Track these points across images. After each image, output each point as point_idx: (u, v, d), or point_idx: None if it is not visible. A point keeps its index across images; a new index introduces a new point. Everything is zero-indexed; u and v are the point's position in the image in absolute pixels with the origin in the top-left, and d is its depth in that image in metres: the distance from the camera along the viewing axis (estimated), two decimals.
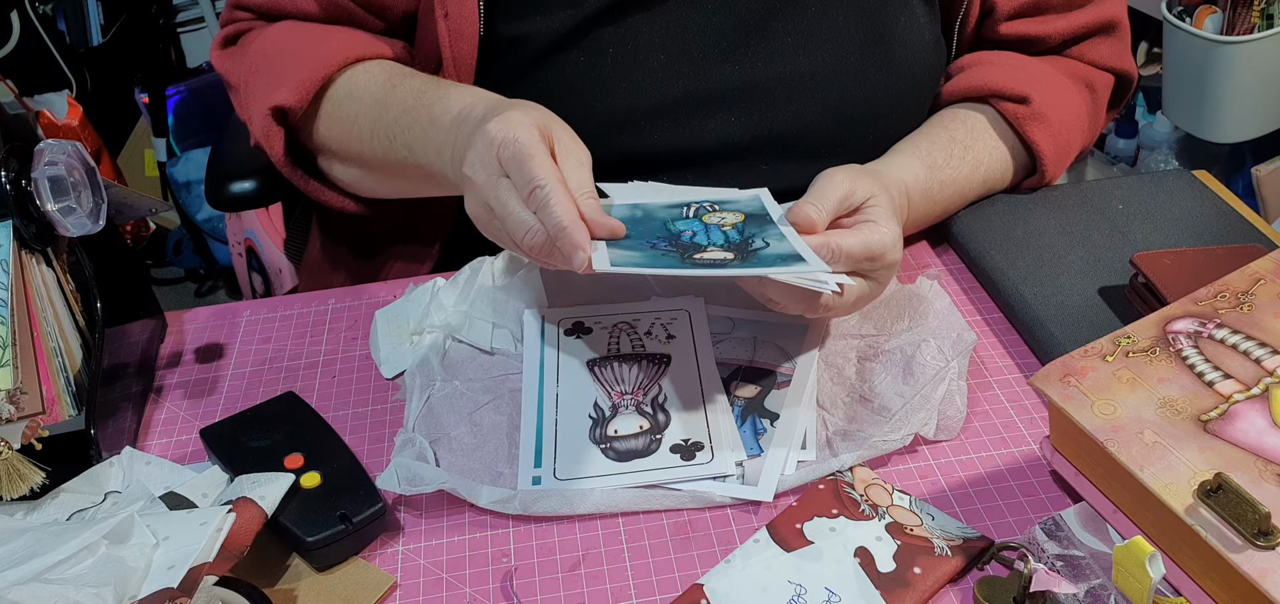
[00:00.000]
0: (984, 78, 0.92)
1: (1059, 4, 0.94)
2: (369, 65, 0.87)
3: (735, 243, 0.70)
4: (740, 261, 0.68)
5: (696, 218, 0.73)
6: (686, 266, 0.66)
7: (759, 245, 0.70)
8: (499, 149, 0.67)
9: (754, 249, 0.70)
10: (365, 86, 0.85)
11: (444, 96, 0.79)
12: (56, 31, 2.42)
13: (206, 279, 2.55)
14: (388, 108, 0.83)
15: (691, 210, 0.74)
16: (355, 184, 0.91)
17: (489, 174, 0.68)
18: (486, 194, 0.68)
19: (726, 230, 0.72)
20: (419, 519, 0.68)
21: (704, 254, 0.68)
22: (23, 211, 0.69)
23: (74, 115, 2.28)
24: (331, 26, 0.90)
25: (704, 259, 0.68)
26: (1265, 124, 1.86)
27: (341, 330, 0.85)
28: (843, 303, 0.72)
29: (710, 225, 0.72)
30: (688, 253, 0.68)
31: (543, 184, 0.65)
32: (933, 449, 0.71)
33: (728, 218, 0.73)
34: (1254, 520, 0.53)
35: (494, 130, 0.67)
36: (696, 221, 0.73)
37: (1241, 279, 0.69)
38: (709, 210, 0.74)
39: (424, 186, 0.86)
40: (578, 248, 0.64)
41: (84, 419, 0.70)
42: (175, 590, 0.57)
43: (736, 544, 0.64)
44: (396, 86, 0.83)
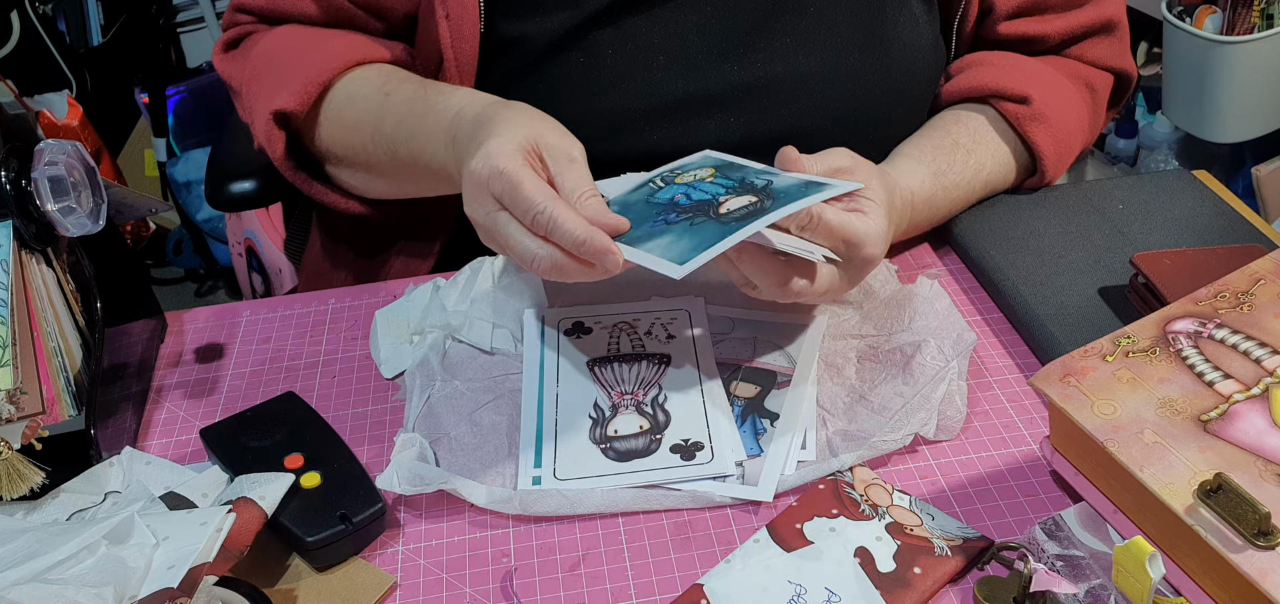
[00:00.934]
0: (984, 78, 0.92)
1: (1058, 4, 0.94)
2: (366, 70, 0.87)
3: (740, 187, 0.70)
4: (765, 201, 0.68)
5: (675, 184, 0.72)
6: (733, 226, 0.65)
7: (761, 182, 0.70)
8: (489, 184, 0.67)
9: (761, 186, 0.70)
10: (362, 92, 0.86)
11: (440, 97, 0.80)
12: (56, 31, 2.42)
13: (206, 279, 2.55)
14: (385, 116, 0.83)
15: (662, 180, 0.73)
16: (362, 187, 0.91)
17: (487, 212, 0.68)
18: (493, 233, 0.68)
19: (712, 181, 0.72)
20: (419, 519, 0.68)
21: (728, 204, 0.68)
22: (23, 211, 0.69)
23: (74, 115, 2.28)
24: (332, 30, 0.90)
25: (735, 210, 0.68)
26: (1265, 124, 1.86)
27: (341, 330, 0.85)
28: (814, 290, 0.71)
29: (695, 184, 0.72)
30: (709, 210, 0.68)
31: (541, 208, 0.65)
32: (933, 449, 0.71)
33: (702, 173, 0.73)
34: (1254, 520, 0.53)
35: (478, 168, 0.67)
36: (678, 186, 0.72)
37: (1241, 279, 0.69)
38: (681, 173, 0.74)
39: (437, 186, 0.86)
40: (606, 251, 0.64)
41: (84, 419, 0.70)
42: (175, 590, 0.57)
43: (736, 544, 0.64)
44: (391, 94, 0.84)
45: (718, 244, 0.64)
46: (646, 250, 0.65)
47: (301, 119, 0.87)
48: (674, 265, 0.63)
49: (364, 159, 0.87)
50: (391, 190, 0.90)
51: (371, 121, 0.84)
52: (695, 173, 0.73)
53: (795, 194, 0.68)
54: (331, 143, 0.88)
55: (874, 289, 0.82)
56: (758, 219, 0.66)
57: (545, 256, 0.66)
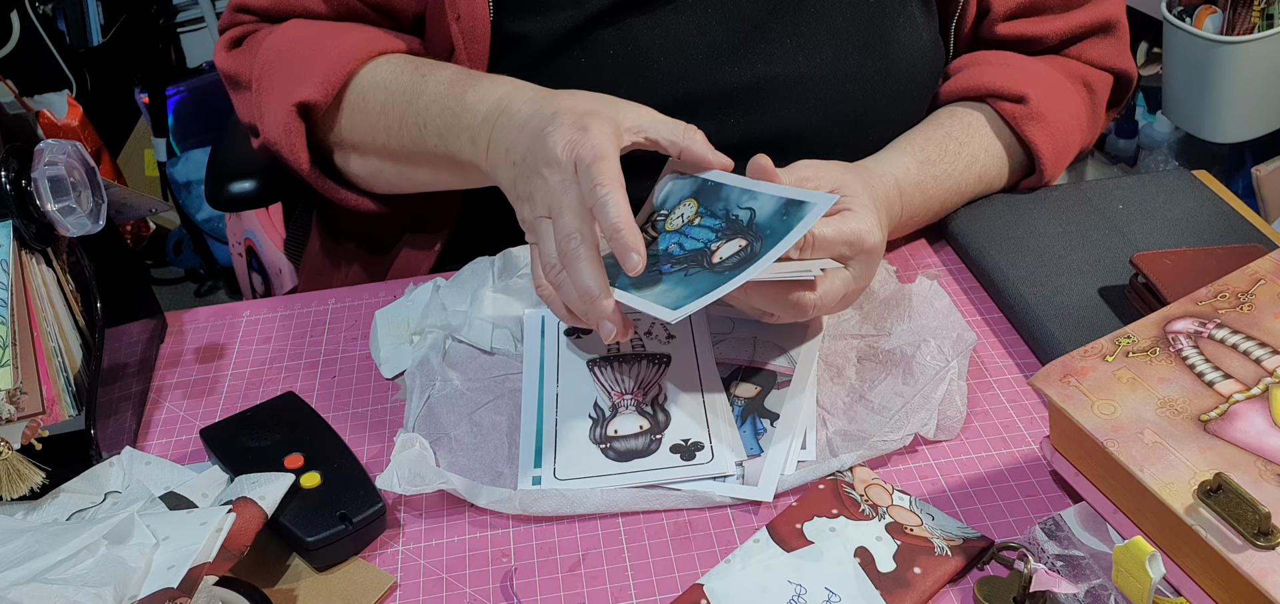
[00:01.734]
0: (981, 77, 0.92)
1: (1056, 4, 0.94)
2: (393, 58, 0.87)
3: (727, 226, 0.70)
4: (754, 243, 0.69)
5: (666, 231, 0.73)
6: (726, 276, 0.67)
7: (744, 215, 0.71)
8: (578, 149, 0.68)
9: (745, 223, 0.70)
10: (393, 77, 0.85)
11: (477, 85, 0.79)
12: (56, 31, 2.42)
13: (206, 279, 2.55)
14: (419, 96, 0.83)
15: (652, 230, 0.74)
16: (373, 177, 0.91)
17: (562, 177, 0.68)
18: (552, 196, 0.69)
19: (697, 225, 0.72)
20: (419, 519, 0.68)
21: (720, 253, 0.69)
22: (23, 211, 0.69)
23: (74, 115, 2.28)
24: (350, 25, 0.90)
25: (728, 259, 0.68)
26: (1265, 124, 1.86)
27: (341, 330, 0.85)
28: (829, 296, 0.72)
29: (684, 231, 0.72)
30: (702, 261, 0.69)
31: (601, 184, 0.66)
32: (933, 449, 0.71)
33: (686, 212, 0.74)
34: (1254, 520, 0.53)
35: (577, 141, 0.68)
36: (669, 235, 0.73)
37: (1241, 279, 0.69)
38: (667, 216, 0.74)
39: (449, 177, 0.86)
40: (631, 250, 0.66)
41: (84, 419, 0.70)
42: (175, 590, 0.57)
43: (736, 544, 0.64)
44: (427, 76, 0.83)
45: (712, 292, 0.66)
46: (642, 297, 0.67)
47: (323, 110, 0.86)
48: (668, 309, 0.65)
49: (382, 144, 0.86)
50: (403, 179, 0.90)
51: (401, 104, 0.84)
52: (680, 214, 0.74)
53: (779, 227, 0.68)
54: (350, 130, 0.88)
55: (873, 289, 0.82)
56: (749, 266, 0.67)
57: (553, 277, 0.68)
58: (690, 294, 0.66)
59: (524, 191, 0.72)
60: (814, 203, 0.68)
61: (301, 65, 0.86)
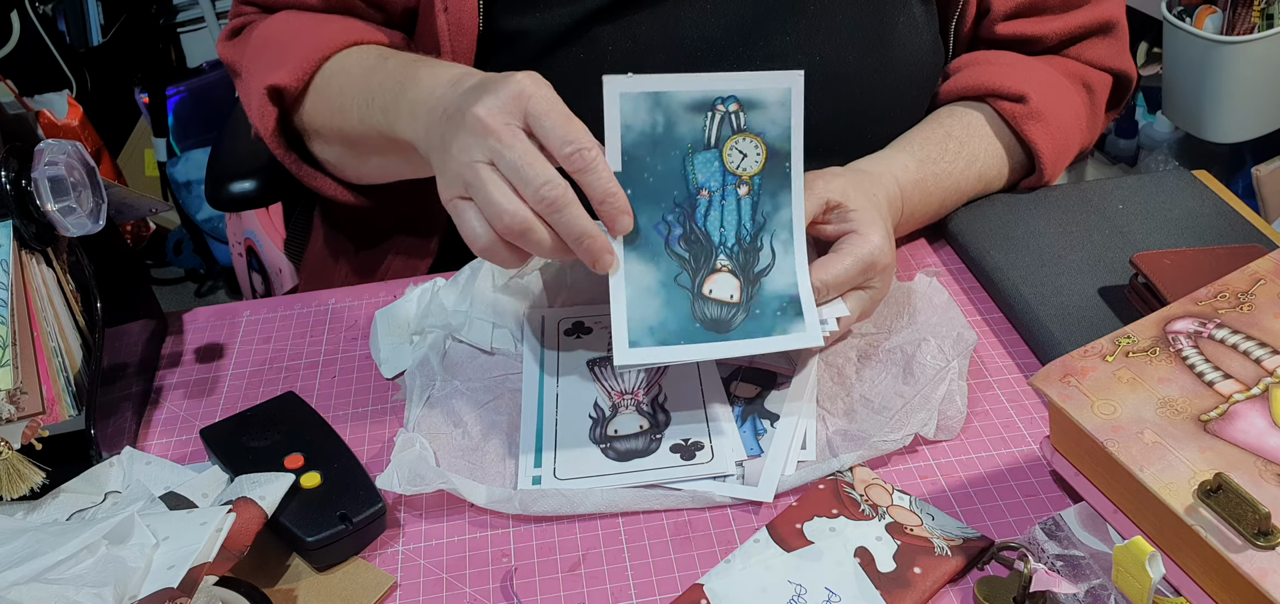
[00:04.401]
0: (981, 77, 0.92)
1: (1056, 4, 0.94)
2: (364, 47, 0.87)
3: (742, 249, 0.71)
4: (743, 312, 0.70)
5: (717, 149, 0.70)
6: (698, 335, 0.69)
7: (764, 263, 0.71)
8: (529, 101, 0.64)
9: (757, 272, 0.71)
10: (357, 62, 0.85)
11: (432, 68, 0.77)
12: (56, 31, 2.42)
13: (206, 279, 2.55)
14: (373, 75, 0.82)
15: (712, 135, 0.70)
16: (339, 165, 0.91)
17: (507, 121, 0.64)
18: (497, 140, 0.64)
19: (741, 198, 0.71)
20: (419, 519, 0.68)
21: (710, 285, 0.70)
22: (23, 211, 0.69)
23: (74, 115, 2.28)
24: (332, 16, 0.90)
25: (710, 310, 0.70)
26: (1265, 124, 1.86)
27: (341, 330, 0.85)
28: (849, 321, 0.74)
29: (728, 178, 0.70)
30: (699, 266, 0.70)
31: (588, 147, 0.64)
32: (933, 449, 0.71)
33: (748, 159, 0.70)
34: (1254, 520, 0.53)
35: (525, 82, 0.64)
36: (716, 166, 0.70)
37: (1241, 279, 0.69)
38: (732, 133, 0.70)
39: (396, 163, 0.84)
40: (622, 214, 0.65)
41: (84, 419, 0.70)
42: (175, 590, 0.57)
43: (736, 544, 0.64)
44: (386, 59, 0.83)
45: (668, 351, 0.68)
46: (619, 294, 0.68)
47: (294, 95, 0.87)
48: (621, 347, 0.67)
49: (339, 127, 0.86)
50: (360, 166, 0.89)
51: (356, 87, 0.83)
52: (742, 148, 0.70)
53: (767, 322, 0.70)
54: (314, 114, 0.87)
55: None
56: (719, 341, 0.69)
57: (556, 181, 0.63)
58: (654, 334, 0.68)
59: (449, 135, 0.67)
60: (808, 332, 0.70)
61: (280, 51, 0.87)
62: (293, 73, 0.85)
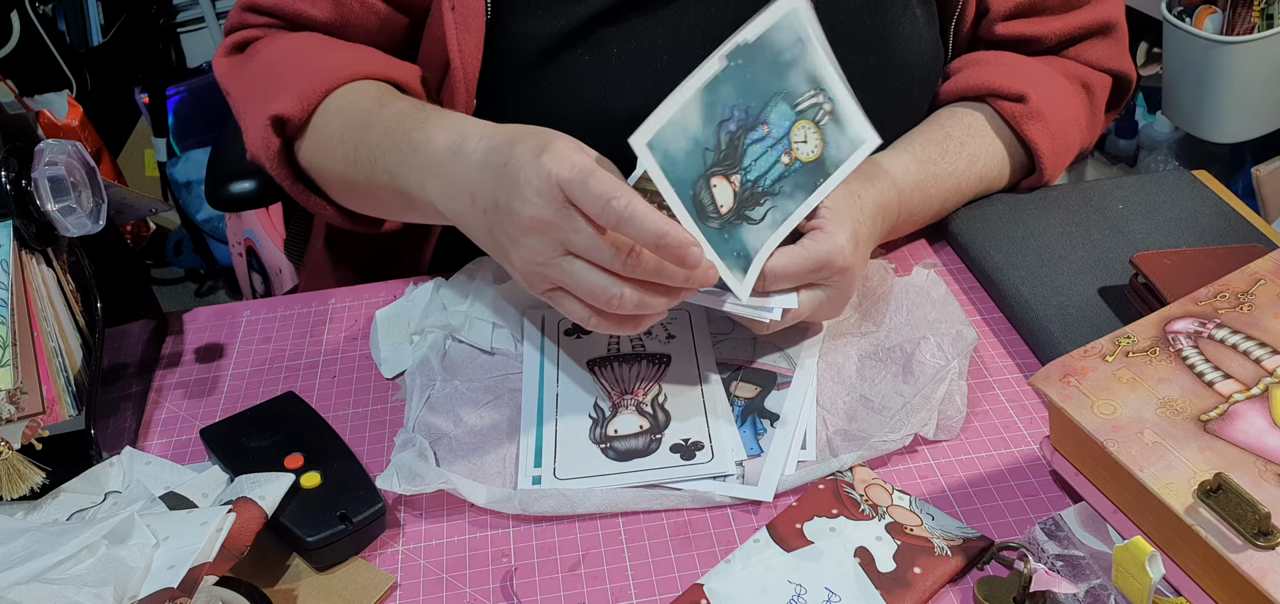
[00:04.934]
0: (980, 77, 0.92)
1: (1056, 5, 0.94)
2: (362, 84, 0.85)
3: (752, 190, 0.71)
4: (721, 227, 0.70)
5: (796, 113, 0.72)
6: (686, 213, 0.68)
7: (755, 216, 0.71)
8: (561, 181, 0.64)
9: (746, 213, 0.71)
10: (353, 103, 0.83)
11: (424, 121, 0.76)
12: (57, 31, 2.42)
13: (206, 279, 2.55)
14: (372, 127, 0.80)
15: (803, 104, 0.72)
16: (342, 197, 0.89)
17: (557, 209, 0.64)
18: (559, 232, 0.65)
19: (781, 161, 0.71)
20: (419, 519, 0.68)
21: (714, 187, 0.69)
22: (23, 211, 0.69)
23: (74, 115, 2.28)
24: (342, 42, 0.89)
25: (705, 198, 0.69)
26: (1265, 124, 1.86)
27: (341, 330, 0.85)
28: (798, 314, 0.73)
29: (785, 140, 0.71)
30: (719, 163, 0.69)
31: (617, 196, 0.62)
32: (933, 449, 0.71)
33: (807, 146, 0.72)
34: (1254, 520, 0.53)
35: (549, 163, 0.64)
36: (786, 123, 0.71)
37: (1241, 279, 0.69)
38: (812, 119, 0.72)
39: (408, 214, 0.84)
40: (687, 245, 0.63)
41: (84, 419, 0.70)
42: (175, 590, 0.57)
43: (736, 544, 0.64)
44: (384, 106, 0.81)
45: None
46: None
47: (297, 126, 0.85)
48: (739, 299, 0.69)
49: (341, 173, 0.84)
50: (371, 209, 0.89)
51: (356, 133, 0.81)
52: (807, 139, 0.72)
53: (722, 250, 0.69)
54: (315, 152, 0.86)
55: (871, 286, 0.82)
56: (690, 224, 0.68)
57: (627, 294, 0.65)
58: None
59: (505, 239, 0.68)
60: (742, 286, 0.70)
61: (285, 78, 0.86)
62: (296, 103, 0.83)
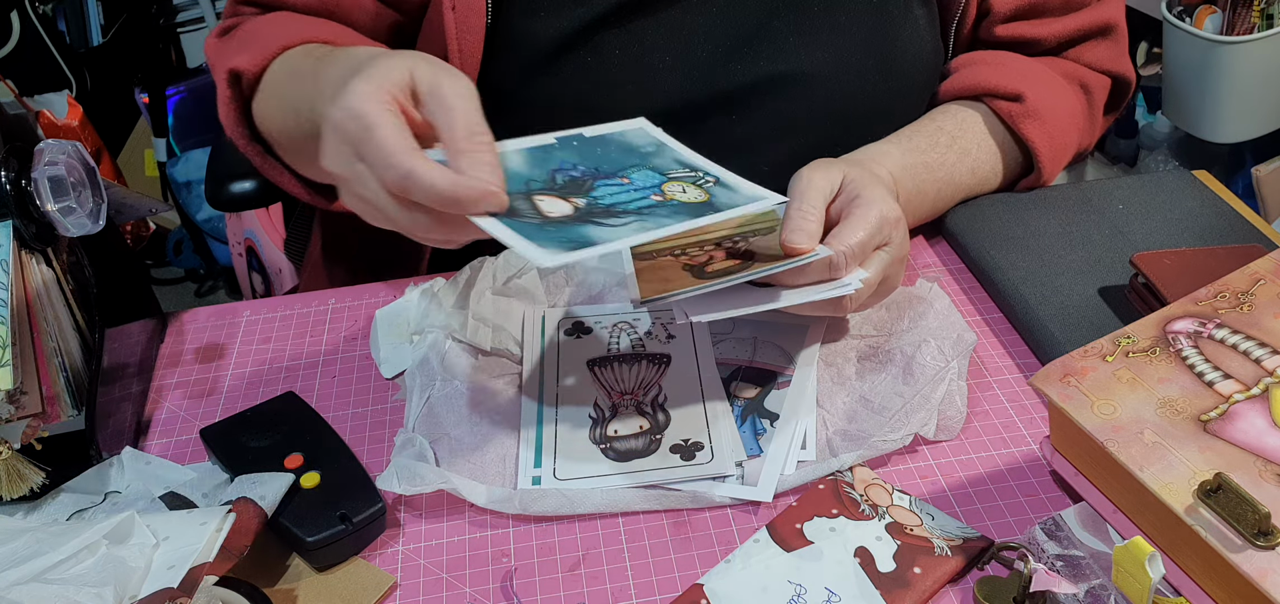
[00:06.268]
0: (977, 76, 0.92)
1: (1056, 6, 0.94)
2: (312, 46, 0.82)
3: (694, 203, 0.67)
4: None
5: (662, 177, 0.68)
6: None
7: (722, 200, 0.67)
8: (342, 127, 0.60)
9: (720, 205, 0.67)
10: (302, 58, 0.79)
11: (336, 57, 0.71)
12: (56, 31, 2.42)
13: (206, 279, 2.55)
14: (305, 76, 0.76)
15: (584, 184, 0.66)
16: (296, 164, 0.86)
17: (346, 161, 0.60)
18: (352, 187, 0.61)
19: (652, 201, 0.66)
20: (419, 519, 0.68)
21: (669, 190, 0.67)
22: (23, 211, 0.69)
23: (74, 115, 2.28)
24: (321, 19, 0.87)
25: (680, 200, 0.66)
26: (1265, 124, 1.86)
27: (341, 330, 0.85)
28: (871, 283, 0.71)
29: (655, 190, 0.67)
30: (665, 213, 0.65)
31: (394, 161, 0.58)
32: (933, 449, 0.71)
33: (686, 195, 0.67)
34: (1254, 520, 0.53)
35: (334, 112, 0.60)
36: (653, 180, 0.68)
37: (1241, 279, 0.69)
38: (688, 181, 0.68)
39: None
40: (483, 195, 0.57)
41: (84, 419, 0.70)
42: (175, 590, 0.57)
43: (736, 544, 0.64)
44: (321, 57, 0.77)
45: (599, 246, 0.60)
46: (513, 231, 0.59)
47: (251, 80, 0.82)
48: (542, 250, 0.57)
49: (282, 125, 0.81)
50: (313, 167, 0.83)
51: (295, 84, 0.77)
52: (684, 190, 0.68)
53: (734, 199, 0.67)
54: (264, 111, 0.83)
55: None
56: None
57: (405, 220, 0.59)
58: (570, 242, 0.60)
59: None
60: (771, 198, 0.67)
61: (249, 41, 0.84)
62: (252, 58, 0.81)
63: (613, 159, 0.69)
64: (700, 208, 0.67)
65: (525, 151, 0.67)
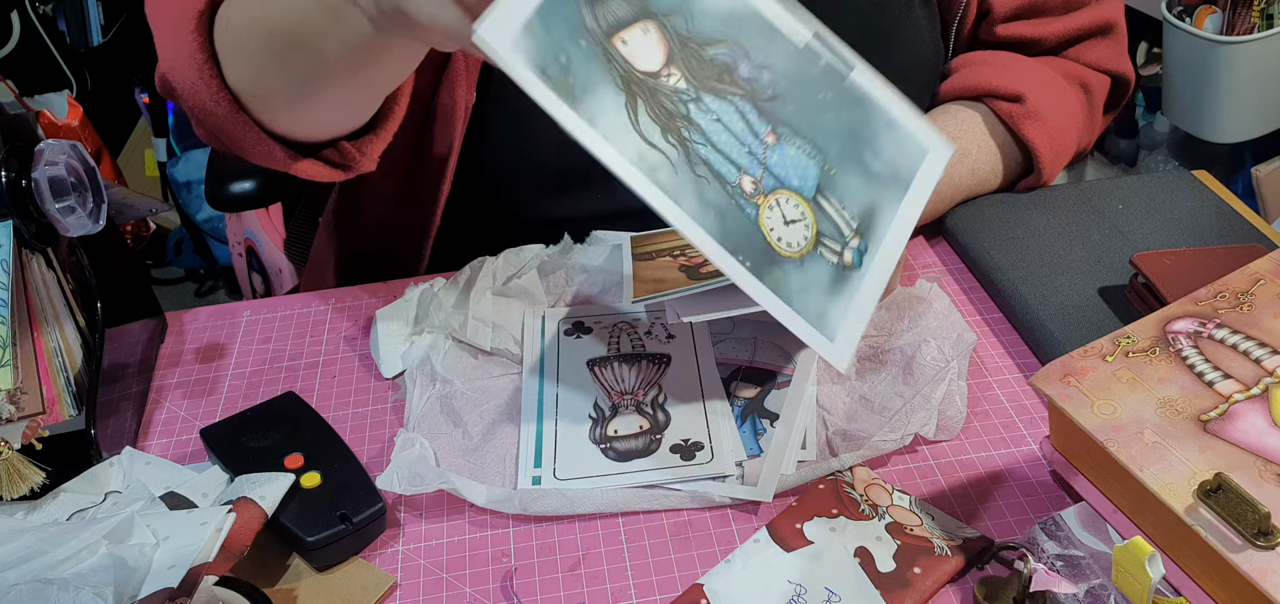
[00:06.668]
0: (978, 77, 0.92)
1: (1056, 6, 0.94)
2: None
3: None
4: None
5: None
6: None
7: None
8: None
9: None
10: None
11: None
12: (57, 31, 2.42)
13: (206, 279, 2.55)
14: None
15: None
16: (275, 82, 0.76)
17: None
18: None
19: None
20: (419, 519, 0.68)
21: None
22: (23, 211, 0.69)
23: (74, 115, 2.28)
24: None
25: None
26: (1265, 124, 1.86)
27: (341, 330, 0.85)
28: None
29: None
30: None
31: None
32: (933, 449, 0.71)
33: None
34: (1254, 520, 0.53)
35: None
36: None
37: (1241, 279, 0.69)
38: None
39: (333, 32, 0.69)
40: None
41: (84, 419, 0.70)
42: (175, 590, 0.57)
43: (736, 544, 0.64)
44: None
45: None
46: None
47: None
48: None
49: (261, 16, 0.73)
50: (300, 65, 0.73)
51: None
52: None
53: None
54: (237, 31, 0.75)
55: None
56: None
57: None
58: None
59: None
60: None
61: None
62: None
63: (779, 84, 0.56)
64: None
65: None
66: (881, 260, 0.60)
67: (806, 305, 0.57)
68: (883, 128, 0.60)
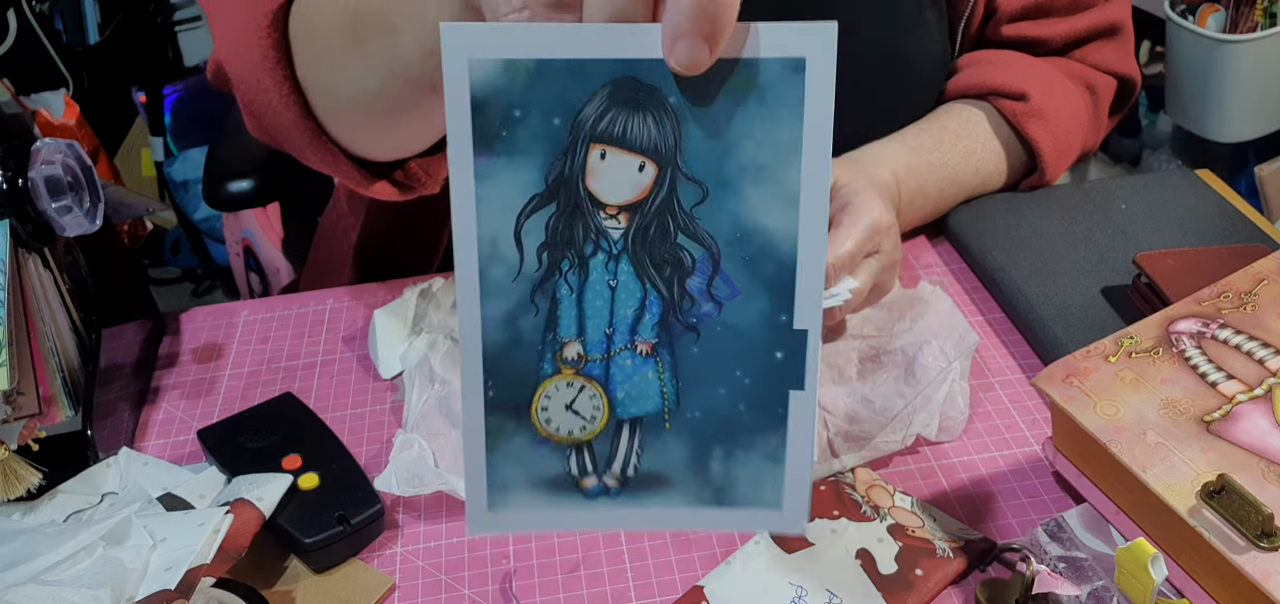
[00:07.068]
0: (982, 76, 0.92)
1: (1062, 7, 0.94)
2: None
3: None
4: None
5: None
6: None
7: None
8: None
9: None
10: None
11: None
12: (53, 30, 2.42)
13: (204, 279, 2.54)
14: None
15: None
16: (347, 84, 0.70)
17: None
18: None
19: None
20: (418, 520, 0.67)
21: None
22: (19, 211, 0.68)
23: (71, 114, 2.27)
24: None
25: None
26: (1268, 123, 1.86)
27: (340, 330, 0.85)
28: (861, 291, 0.72)
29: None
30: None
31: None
32: (934, 450, 0.70)
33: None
34: (1257, 522, 0.52)
35: None
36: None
37: (1244, 279, 0.69)
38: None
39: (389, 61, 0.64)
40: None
41: (81, 420, 0.70)
42: (173, 592, 0.56)
43: (737, 546, 0.64)
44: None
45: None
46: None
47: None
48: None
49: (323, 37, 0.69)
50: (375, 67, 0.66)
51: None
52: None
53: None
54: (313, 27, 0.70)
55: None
56: None
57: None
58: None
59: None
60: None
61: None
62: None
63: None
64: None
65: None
66: None
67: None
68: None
